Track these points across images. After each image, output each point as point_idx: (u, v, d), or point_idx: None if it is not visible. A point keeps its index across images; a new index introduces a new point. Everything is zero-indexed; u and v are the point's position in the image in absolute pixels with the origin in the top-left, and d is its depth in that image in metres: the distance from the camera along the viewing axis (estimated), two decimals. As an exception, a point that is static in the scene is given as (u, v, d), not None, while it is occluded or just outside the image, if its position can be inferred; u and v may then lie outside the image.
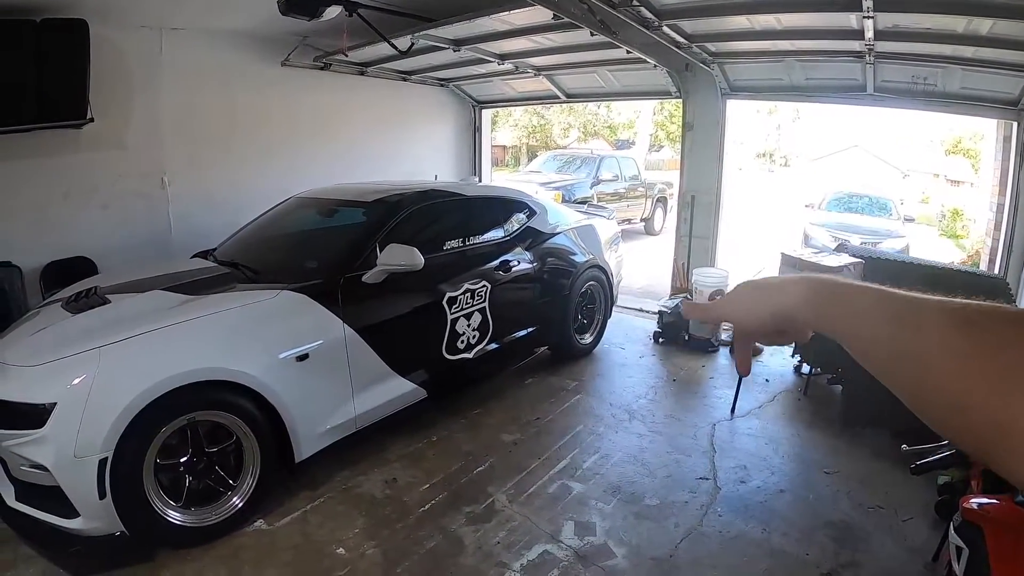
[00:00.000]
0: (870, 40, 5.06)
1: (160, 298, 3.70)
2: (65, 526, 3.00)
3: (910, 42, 5.17)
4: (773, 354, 6.41)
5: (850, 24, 5.03)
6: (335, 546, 3.38)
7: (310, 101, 7.64)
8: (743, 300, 0.84)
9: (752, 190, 28.00)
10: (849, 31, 5.17)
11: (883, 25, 4.91)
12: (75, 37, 5.08)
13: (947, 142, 33.48)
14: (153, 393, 3.06)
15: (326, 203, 5.19)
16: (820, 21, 5.21)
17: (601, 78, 7.99)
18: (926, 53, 5.42)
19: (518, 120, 30.62)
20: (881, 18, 4.74)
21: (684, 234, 7.71)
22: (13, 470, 3.11)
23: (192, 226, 6.48)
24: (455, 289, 4.63)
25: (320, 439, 3.81)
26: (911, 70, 5.80)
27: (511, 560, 3.29)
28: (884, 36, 5.08)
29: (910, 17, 4.70)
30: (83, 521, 2.98)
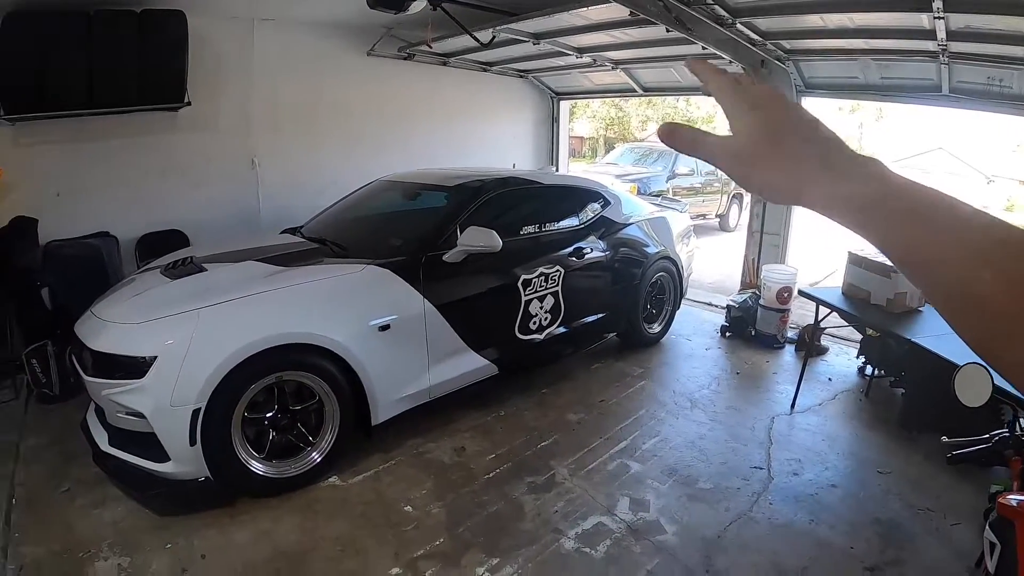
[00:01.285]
0: (943, 40, 5.01)
1: (253, 268, 4.01)
2: (156, 469, 3.31)
3: (984, 43, 5.08)
4: (839, 354, 6.41)
5: (922, 24, 4.99)
6: (404, 504, 3.64)
7: (393, 89, 7.92)
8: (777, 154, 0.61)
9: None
10: (921, 31, 5.12)
11: (955, 26, 4.86)
12: (174, 26, 5.46)
13: (1034, 148, 32.01)
14: (245, 352, 3.36)
15: (410, 186, 5.45)
16: (892, 21, 5.17)
17: (677, 72, 8.04)
18: (1001, 55, 5.30)
19: (596, 112, 30.43)
20: (953, 19, 4.69)
21: (755, 230, 7.70)
22: (109, 417, 3.46)
23: (279, 205, 6.84)
24: (530, 272, 4.81)
25: (396, 405, 4.07)
26: (986, 71, 5.67)
27: (567, 528, 3.47)
28: (957, 36, 5.02)
29: (981, 18, 4.64)
30: (173, 465, 3.30)
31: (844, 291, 5.16)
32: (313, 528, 3.40)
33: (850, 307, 4.95)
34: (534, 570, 3.15)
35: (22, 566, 3.07)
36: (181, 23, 5.47)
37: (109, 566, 3.08)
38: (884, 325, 4.65)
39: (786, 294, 6.42)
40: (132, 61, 5.32)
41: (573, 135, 32.31)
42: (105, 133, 5.71)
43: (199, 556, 3.16)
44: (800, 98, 7.16)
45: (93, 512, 3.50)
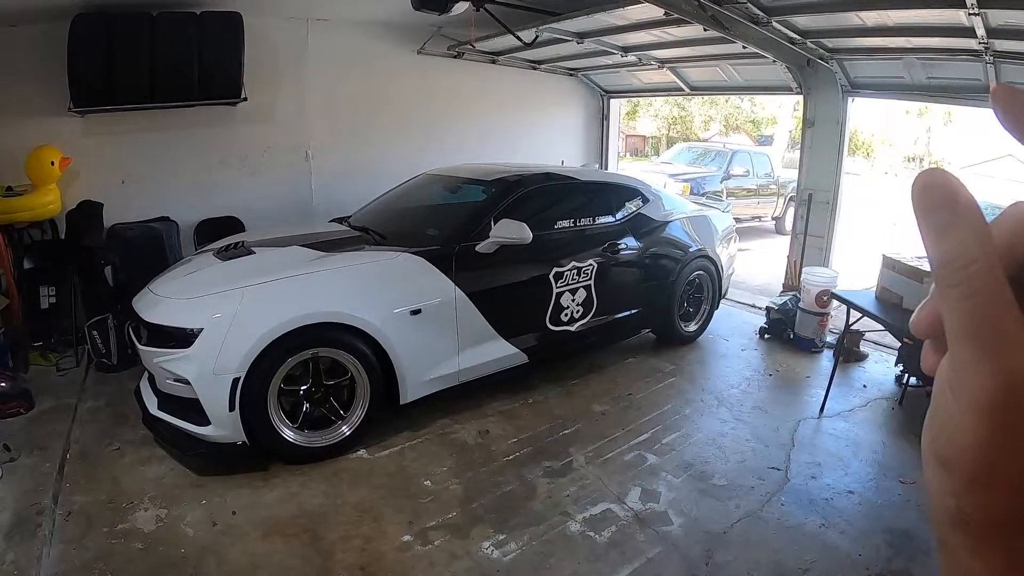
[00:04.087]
0: (984, 38, 4.91)
1: (298, 252, 4.30)
2: (197, 432, 3.63)
3: None
4: (878, 362, 6.34)
5: (960, 21, 4.88)
6: (423, 478, 3.85)
7: (443, 86, 8.13)
8: None
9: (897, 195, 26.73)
10: (961, 28, 5.02)
11: (995, 23, 4.78)
12: (231, 27, 5.80)
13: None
14: (284, 328, 3.63)
15: (452, 180, 5.67)
16: (929, 17, 5.09)
17: (723, 72, 8.04)
18: None
19: (658, 111, 30.27)
20: (991, 15, 4.62)
21: (799, 232, 7.65)
22: (159, 384, 3.78)
23: (331, 195, 7.14)
24: (562, 265, 4.94)
25: (425, 386, 4.29)
26: None
27: (576, 512, 3.60)
28: (999, 34, 4.92)
29: (1020, 15, 4.57)
30: (212, 429, 3.60)
31: (877, 295, 5.14)
32: (337, 494, 3.64)
33: (882, 311, 4.90)
34: (537, 548, 3.29)
35: (70, 512, 3.39)
36: (238, 24, 5.81)
37: (148, 516, 3.38)
38: (911, 331, 4.62)
39: (826, 297, 6.37)
40: (192, 59, 5.67)
41: (636, 133, 32.21)
42: (167, 125, 6.08)
43: (230, 512, 3.44)
44: (846, 98, 7.10)
45: (138, 469, 3.83)
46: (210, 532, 3.28)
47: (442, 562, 3.14)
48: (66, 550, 3.10)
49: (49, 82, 5.37)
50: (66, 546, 3.12)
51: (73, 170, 5.57)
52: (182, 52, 5.60)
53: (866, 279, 8.86)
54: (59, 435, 4.16)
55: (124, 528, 3.28)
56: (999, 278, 0.31)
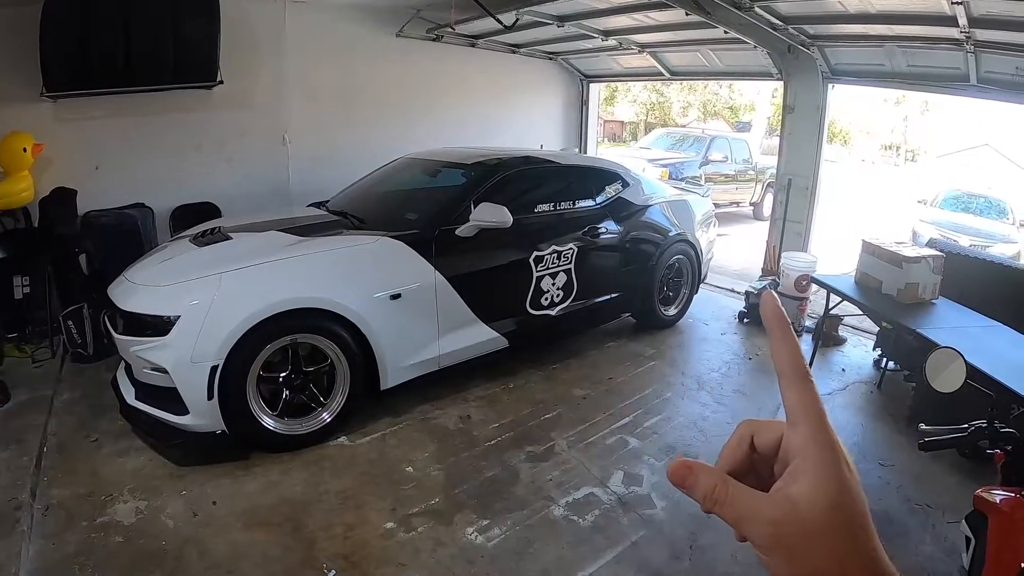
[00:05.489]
0: (965, 27, 4.94)
1: (275, 237, 4.23)
2: (176, 421, 3.56)
3: (1009, 31, 5.00)
4: (856, 346, 6.41)
5: (943, 10, 4.93)
6: (406, 464, 3.83)
7: (423, 70, 8.05)
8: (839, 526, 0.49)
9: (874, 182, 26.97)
10: (943, 17, 5.06)
11: (977, 12, 4.81)
12: (207, 9, 5.65)
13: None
14: (262, 314, 3.58)
15: (431, 163, 5.61)
16: (911, 5, 5.12)
17: (704, 57, 8.05)
18: None
19: (637, 96, 30.28)
20: (974, 4, 4.66)
21: (778, 217, 7.70)
22: (136, 373, 3.71)
23: (309, 180, 7.06)
24: (542, 249, 4.93)
25: (405, 371, 4.26)
26: (1015, 61, 5.56)
27: (559, 496, 3.61)
28: (981, 24, 4.95)
29: (1002, 4, 4.59)
30: (191, 418, 3.54)
31: (856, 279, 5.18)
32: (318, 482, 3.60)
33: (861, 296, 4.96)
34: (521, 533, 3.28)
35: (49, 506, 3.32)
36: (213, 5, 5.66)
37: (128, 508, 3.32)
38: (893, 315, 4.66)
39: (804, 282, 6.42)
40: (167, 42, 5.53)
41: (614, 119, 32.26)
42: (142, 110, 5.94)
43: (211, 502, 3.39)
44: (826, 84, 7.15)
45: (117, 460, 3.76)
46: (191, 523, 3.23)
47: (426, 549, 3.12)
48: (45, 545, 3.04)
49: (20, 67, 5.21)
50: (45, 541, 3.06)
51: (46, 156, 5.44)
52: (157, 34, 5.47)
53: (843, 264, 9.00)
54: (35, 428, 4.08)
55: (104, 521, 3.22)
56: (727, 482, 0.52)
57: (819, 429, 0.50)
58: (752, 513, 0.50)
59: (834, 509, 0.48)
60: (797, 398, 0.52)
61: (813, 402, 0.51)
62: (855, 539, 0.48)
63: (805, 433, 0.51)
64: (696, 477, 0.53)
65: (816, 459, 0.49)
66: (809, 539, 0.48)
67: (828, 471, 0.49)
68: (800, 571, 0.48)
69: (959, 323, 4.40)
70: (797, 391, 0.52)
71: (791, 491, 0.49)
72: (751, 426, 0.57)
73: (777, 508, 0.49)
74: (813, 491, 0.48)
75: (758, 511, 0.50)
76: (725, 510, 0.51)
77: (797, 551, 0.48)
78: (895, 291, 4.75)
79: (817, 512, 0.48)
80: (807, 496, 0.48)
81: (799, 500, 0.49)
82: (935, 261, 4.77)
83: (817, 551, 0.48)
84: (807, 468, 0.49)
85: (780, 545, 0.49)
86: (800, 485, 0.49)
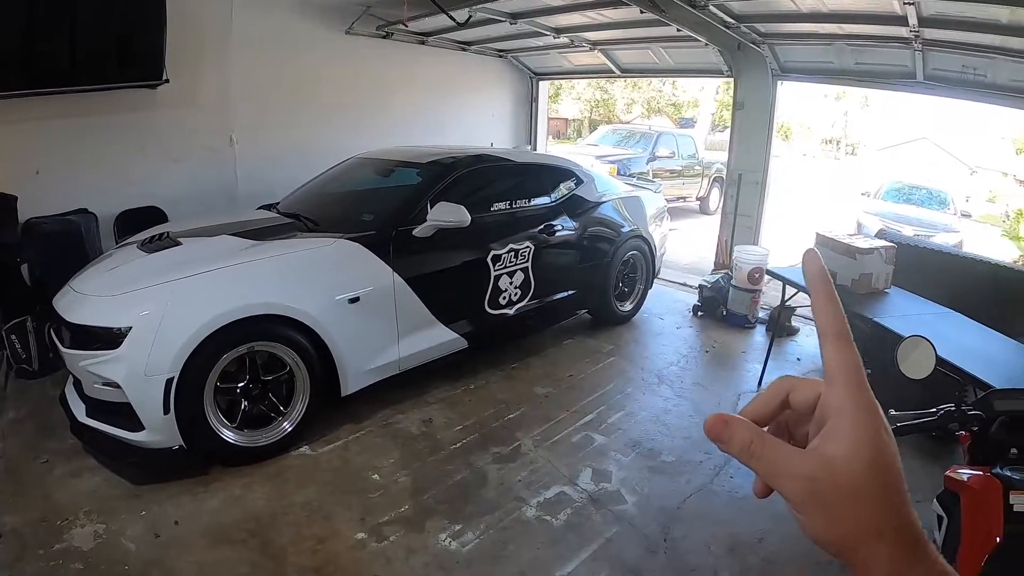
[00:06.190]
0: (915, 27, 5.09)
1: (227, 242, 4.08)
2: (130, 438, 3.40)
3: (957, 30, 5.16)
4: (809, 335, 6.52)
5: (894, 10, 5.07)
6: (371, 472, 3.74)
7: (373, 68, 7.95)
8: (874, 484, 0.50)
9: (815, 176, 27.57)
10: (894, 17, 5.20)
11: (928, 12, 4.94)
12: (152, 5, 5.45)
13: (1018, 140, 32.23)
14: (217, 323, 3.44)
15: (384, 163, 5.51)
16: (864, 5, 5.25)
17: (655, 54, 8.13)
18: (974, 43, 5.39)
19: (581, 94, 30.43)
20: (924, 4, 4.78)
21: (729, 211, 7.84)
22: (86, 388, 3.53)
23: (257, 181, 6.87)
24: (500, 248, 4.90)
25: (365, 376, 4.16)
26: (961, 59, 5.76)
27: (529, 497, 3.58)
28: (930, 23, 5.09)
29: (953, 5, 4.72)
30: (147, 434, 3.38)
31: (811, 271, 5.24)
32: (282, 495, 3.49)
33: (816, 287, 5.03)
34: (495, 536, 3.25)
35: (1, 534, 3.14)
36: (159, 1, 5.47)
37: (86, 533, 3.16)
38: (848, 305, 4.73)
39: (757, 275, 6.53)
40: (110, 39, 5.32)
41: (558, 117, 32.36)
42: (85, 111, 5.71)
43: (172, 522, 3.24)
44: (776, 81, 7.27)
45: (71, 482, 3.57)
46: (153, 545, 3.10)
47: (399, 558, 3.06)
48: (-1, 577, 2.89)
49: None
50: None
51: (-19, 161, 5.22)
52: (99, 31, 5.25)
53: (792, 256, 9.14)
54: (-20, 450, 3.88)
55: (61, 548, 3.05)
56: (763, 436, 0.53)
57: (858, 390, 0.51)
58: (787, 468, 0.51)
59: (871, 470, 0.49)
60: (837, 358, 0.52)
61: (853, 363, 0.51)
62: (890, 501, 0.50)
63: (843, 393, 0.51)
64: (732, 431, 0.54)
65: (854, 419, 0.50)
66: (844, 498, 0.49)
67: (866, 432, 0.50)
68: (834, 529, 0.49)
69: (913, 311, 4.49)
70: (837, 351, 0.52)
71: (828, 449, 0.50)
72: (789, 382, 0.57)
73: (813, 465, 0.50)
74: (850, 451, 0.49)
75: (793, 467, 0.51)
76: (760, 464, 0.52)
77: (831, 509, 0.49)
78: (849, 281, 4.83)
79: (853, 472, 0.49)
80: (844, 455, 0.49)
81: (836, 459, 0.49)
82: (887, 252, 4.86)
83: (852, 510, 0.49)
84: (845, 427, 0.50)
85: (814, 502, 0.50)
86: (837, 444, 0.50)
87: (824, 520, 0.49)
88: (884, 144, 36.04)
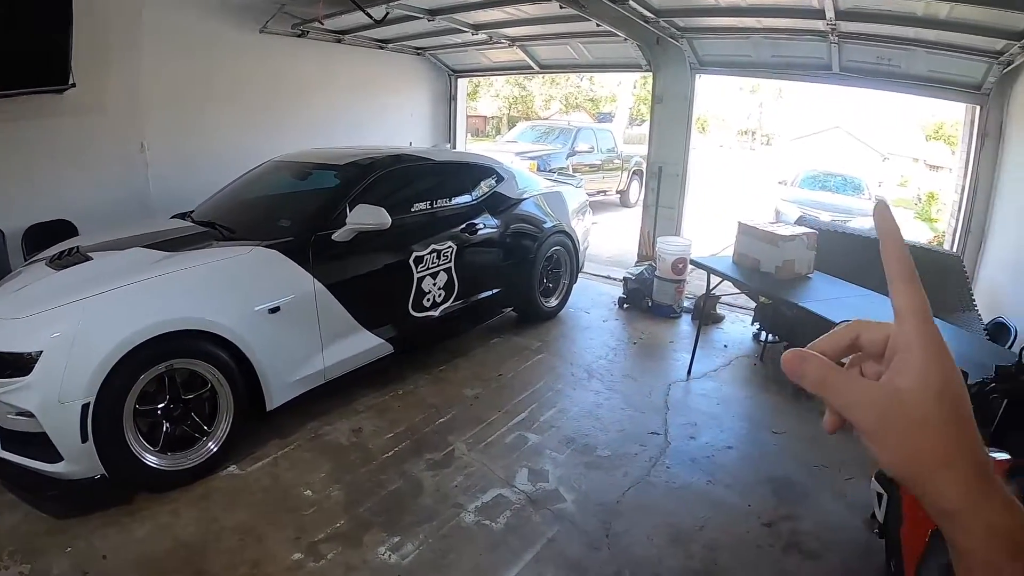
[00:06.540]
0: (832, 20, 5.23)
1: (140, 255, 3.87)
2: (49, 470, 3.18)
3: (873, 23, 5.33)
4: (734, 322, 6.65)
5: (811, 3, 5.20)
6: (303, 488, 3.61)
7: (289, 68, 7.74)
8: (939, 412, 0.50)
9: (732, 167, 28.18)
10: (812, 10, 5.34)
11: (844, 5, 5.08)
12: (57, 4, 5.15)
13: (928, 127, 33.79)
14: (133, 341, 3.25)
15: (300, 166, 5.36)
16: None
17: (574, 50, 8.16)
18: (890, 35, 5.58)
19: (499, 91, 30.56)
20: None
21: (651, 203, 7.94)
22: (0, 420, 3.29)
23: (171, 188, 6.58)
24: (422, 249, 4.83)
25: (290, 389, 4.02)
26: (876, 51, 5.97)
27: (467, 502, 3.52)
28: (847, 16, 5.25)
29: None
30: (66, 465, 3.17)
31: (735, 260, 5.32)
32: (213, 519, 3.34)
33: (740, 275, 5.11)
34: (435, 545, 3.18)
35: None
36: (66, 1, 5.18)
37: (10, 575, 2.96)
38: (773, 291, 4.84)
39: (681, 265, 6.62)
40: (12, 41, 5.02)
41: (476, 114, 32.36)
42: (-14, 119, 5.39)
43: (100, 556, 3.05)
44: (694, 75, 7.39)
45: (-11, 521, 3.35)
46: (82, 583, 2.92)
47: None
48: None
49: None
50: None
51: None
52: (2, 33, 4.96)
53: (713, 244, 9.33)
54: None
55: (-15, 595, 2.86)
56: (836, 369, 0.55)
57: (925, 325, 0.52)
58: (860, 399, 0.53)
59: (939, 399, 0.50)
60: (905, 298, 0.53)
61: (920, 301, 0.53)
62: (958, 429, 0.50)
63: (911, 329, 0.52)
64: (808, 365, 0.55)
65: (922, 352, 0.51)
66: (914, 427, 0.50)
67: (934, 363, 0.51)
68: (904, 457, 0.51)
69: (837, 295, 4.61)
70: (905, 292, 0.54)
71: (898, 381, 0.52)
72: (859, 324, 0.59)
73: (884, 396, 0.52)
74: (920, 381, 0.51)
75: (865, 398, 0.53)
76: (834, 395, 0.54)
77: (902, 438, 0.50)
78: (773, 268, 4.91)
79: (923, 401, 0.50)
80: (913, 386, 0.51)
81: (906, 390, 0.51)
82: (809, 238, 4.97)
83: (921, 439, 0.50)
84: (913, 360, 0.51)
85: (885, 431, 0.51)
86: (907, 376, 0.51)
87: (894, 448, 0.51)
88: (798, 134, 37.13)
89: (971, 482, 0.49)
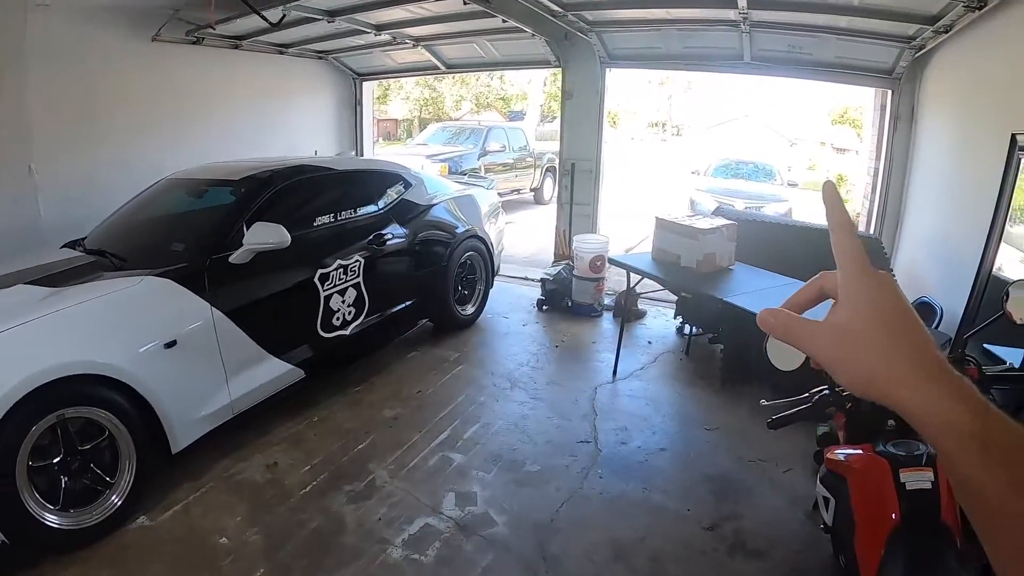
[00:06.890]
0: (744, 8, 5.22)
1: (23, 292, 3.53)
2: None
3: (785, 11, 5.37)
4: (656, 317, 6.64)
5: None
6: (218, 535, 3.34)
7: (185, 77, 7.34)
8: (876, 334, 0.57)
9: (644, 159, 28.55)
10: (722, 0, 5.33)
11: None
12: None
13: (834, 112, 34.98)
14: (17, 393, 2.92)
15: (196, 183, 5.06)
16: None
17: (481, 48, 8.07)
18: (801, 23, 5.65)
19: (409, 93, 30.27)
20: None
21: (565, 201, 7.91)
22: None
23: (65, 214, 6.10)
24: (327, 266, 4.61)
25: (196, 427, 3.74)
26: (787, 39, 6.05)
27: (392, 536, 3.34)
28: (759, 5, 5.25)
29: None
30: None
31: (654, 256, 5.29)
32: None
33: (661, 271, 5.08)
34: (362, 587, 2.99)
35: None
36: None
37: None
38: (696, 286, 4.82)
39: (599, 263, 6.59)
40: None
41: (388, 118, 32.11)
42: None
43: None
44: (604, 69, 7.37)
45: None
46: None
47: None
48: None
49: None
50: None
51: None
52: None
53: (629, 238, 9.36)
54: None
55: None
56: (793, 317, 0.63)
57: (854, 265, 0.60)
58: (815, 339, 0.61)
59: (873, 324, 0.57)
60: (841, 247, 0.61)
61: (853, 247, 0.60)
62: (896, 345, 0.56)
63: (847, 273, 0.60)
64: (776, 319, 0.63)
65: (855, 288, 0.59)
66: (858, 349, 0.57)
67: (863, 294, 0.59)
68: (859, 379, 0.58)
69: (760, 285, 4.62)
70: (841, 242, 0.61)
71: (840, 316, 0.60)
72: (823, 277, 0.66)
73: (832, 331, 0.60)
74: (853, 312, 0.59)
75: (819, 337, 0.61)
76: (796, 339, 0.62)
77: (853, 364, 0.58)
78: (694, 262, 4.89)
79: (861, 330, 0.57)
80: (850, 316, 0.59)
81: (845, 321, 0.59)
82: (728, 230, 4.97)
83: (866, 357, 0.57)
84: (848, 296, 0.59)
85: (839, 361, 0.59)
86: (845, 309, 0.60)
87: (852, 374, 0.58)
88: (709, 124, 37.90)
89: (921, 388, 0.53)
